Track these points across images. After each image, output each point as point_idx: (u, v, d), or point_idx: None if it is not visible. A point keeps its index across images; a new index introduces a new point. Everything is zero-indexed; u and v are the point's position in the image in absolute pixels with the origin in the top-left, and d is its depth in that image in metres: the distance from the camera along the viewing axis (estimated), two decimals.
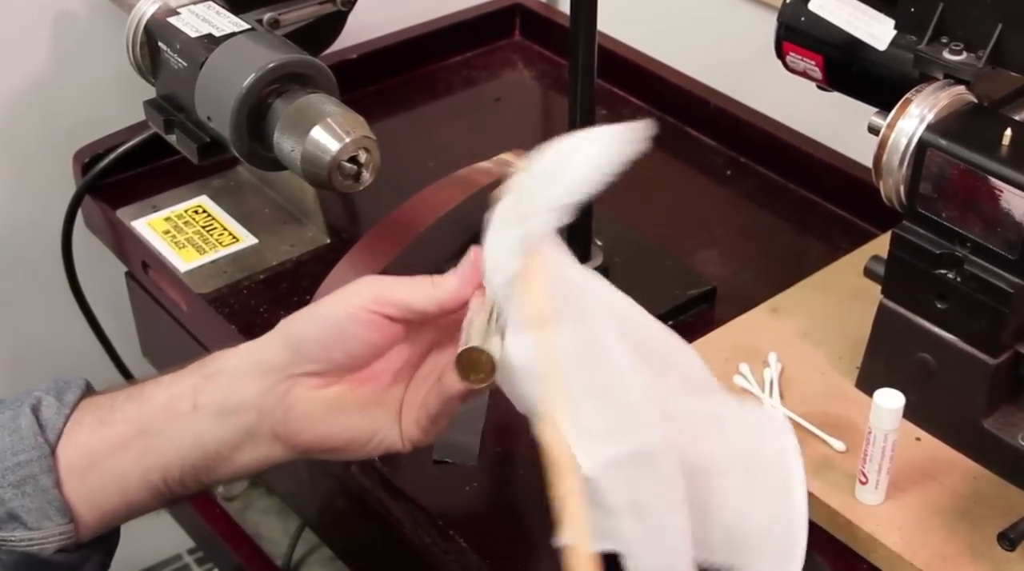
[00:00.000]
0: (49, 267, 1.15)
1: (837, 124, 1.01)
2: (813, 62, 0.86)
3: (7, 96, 1.16)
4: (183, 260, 1.01)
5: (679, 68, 1.21)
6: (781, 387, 0.85)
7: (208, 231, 1.04)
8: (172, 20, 0.95)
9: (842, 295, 0.91)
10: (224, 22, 0.94)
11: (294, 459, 0.68)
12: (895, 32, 0.80)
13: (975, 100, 0.76)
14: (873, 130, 0.78)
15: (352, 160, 0.87)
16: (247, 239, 1.04)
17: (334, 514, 0.98)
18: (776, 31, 0.87)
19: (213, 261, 1.01)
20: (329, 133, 0.86)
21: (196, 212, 1.07)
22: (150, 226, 1.05)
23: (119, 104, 1.13)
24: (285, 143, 0.87)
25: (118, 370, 1.22)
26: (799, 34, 0.86)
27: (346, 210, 1.09)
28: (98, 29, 1.16)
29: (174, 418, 0.67)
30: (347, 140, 0.86)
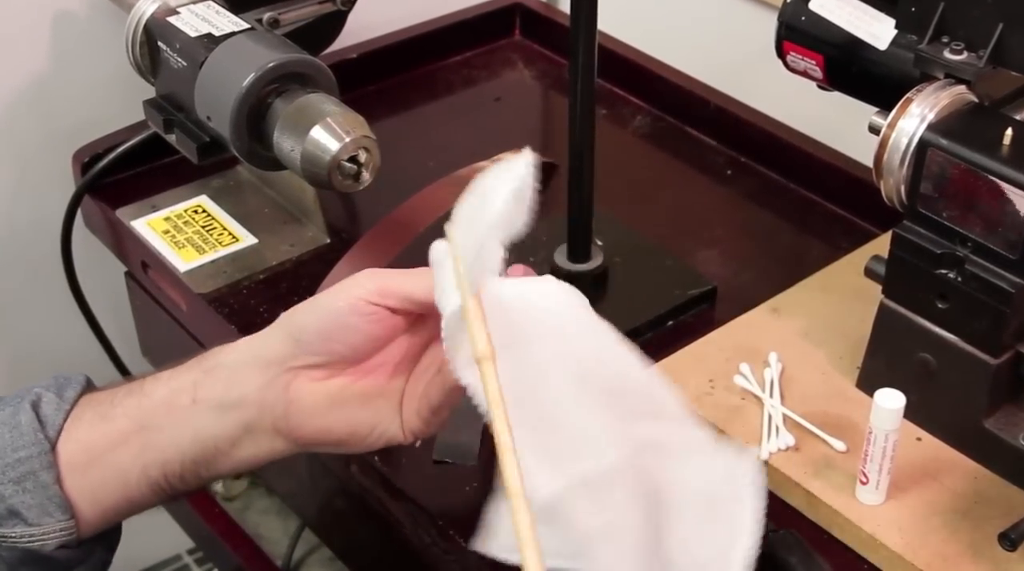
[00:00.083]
0: (49, 267, 1.15)
1: (838, 124, 1.01)
2: (814, 61, 0.86)
3: (7, 96, 1.16)
4: (183, 260, 1.01)
5: (679, 68, 1.21)
6: (782, 387, 0.85)
7: (208, 231, 1.04)
8: (172, 20, 0.95)
9: (843, 295, 0.91)
10: (224, 22, 0.94)
11: (295, 452, 0.68)
12: (896, 32, 0.80)
13: (976, 100, 0.76)
14: (874, 130, 0.77)
15: (352, 160, 0.87)
16: (247, 239, 1.04)
17: (334, 514, 0.98)
18: (776, 30, 0.87)
19: (213, 261, 1.01)
20: (329, 133, 0.86)
21: (196, 212, 1.07)
22: (150, 226, 1.05)
23: (119, 104, 1.13)
24: (285, 143, 0.87)
25: (117, 370, 1.22)
26: (800, 33, 0.86)
27: (346, 210, 1.09)
28: (98, 29, 1.16)
29: (174, 412, 0.67)
30: (347, 140, 0.85)
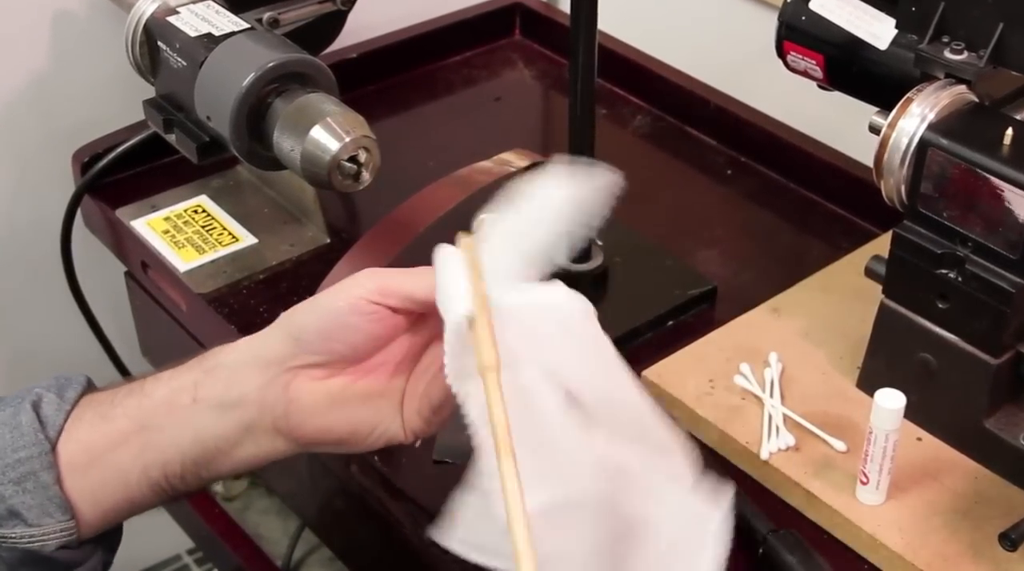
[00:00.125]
0: (48, 267, 1.15)
1: (838, 123, 1.01)
2: (814, 61, 0.86)
3: (6, 95, 1.16)
4: (182, 260, 1.01)
5: (680, 67, 1.21)
6: (782, 387, 0.84)
7: (207, 231, 1.04)
8: (171, 19, 0.95)
9: (843, 295, 0.91)
10: (223, 21, 0.94)
11: (295, 453, 0.68)
12: (896, 31, 0.80)
13: (976, 99, 0.76)
14: (874, 129, 0.77)
15: (352, 160, 0.86)
16: (247, 239, 1.03)
17: (334, 514, 0.97)
18: (777, 30, 0.87)
19: (212, 261, 1.01)
20: (329, 132, 0.85)
21: (196, 212, 1.06)
22: (149, 226, 1.05)
23: (118, 103, 1.13)
24: (285, 142, 0.87)
25: (117, 370, 1.22)
26: (800, 33, 0.86)
27: (346, 210, 1.09)
28: (97, 28, 1.16)
29: (174, 412, 0.67)
30: (347, 139, 0.85)
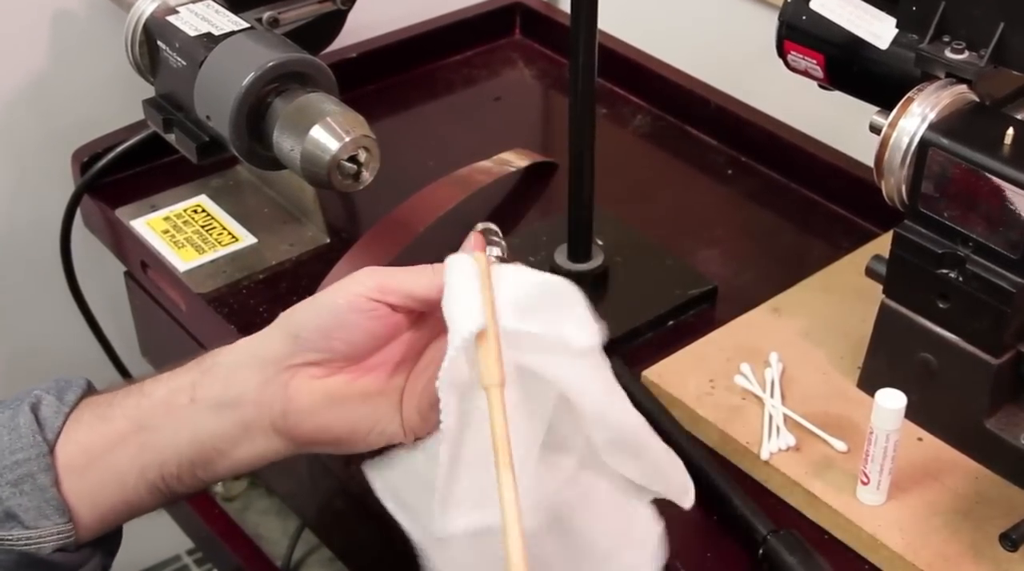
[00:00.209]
0: (48, 267, 1.15)
1: (838, 123, 1.01)
2: (814, 61, 0.86)
3: (6, 95, 1.16)
4: (182, 260, 1.01)
5: (680, 67, 1.21)
6: (782, 387, 0.84)
7: (207, 230, 1.04)
8: (171, 19, 0.95)
9: (844, 295, 0.91)
10: (223, 21, 0.94)
11: (293, 453, 0.68)
12: (897, 31, 0.80)
13: (977, 99, 0.76)
14: (875, 129, 0.77)
15: (352, 159, 0.86)
16: (246, 239, 1.03)
17: (334, 514, 0.97)
18: (777, 30, 0.87)
19: (212, 261, 1.01)
20: (329, 132, 0.85)
21: (195, 211, 1.06)
22: (149, 225, 1.05)
23: (118, 103, 1.12)
24: (284, 142, 0.87)
25: (117, 370, 1.22)
26: (800, 33, 0.85)
27: (346, 209, 1.08)
28: (97, 28, 1.16)
29: (172, 412, 0.67)
30: (347, 139, 0.85)
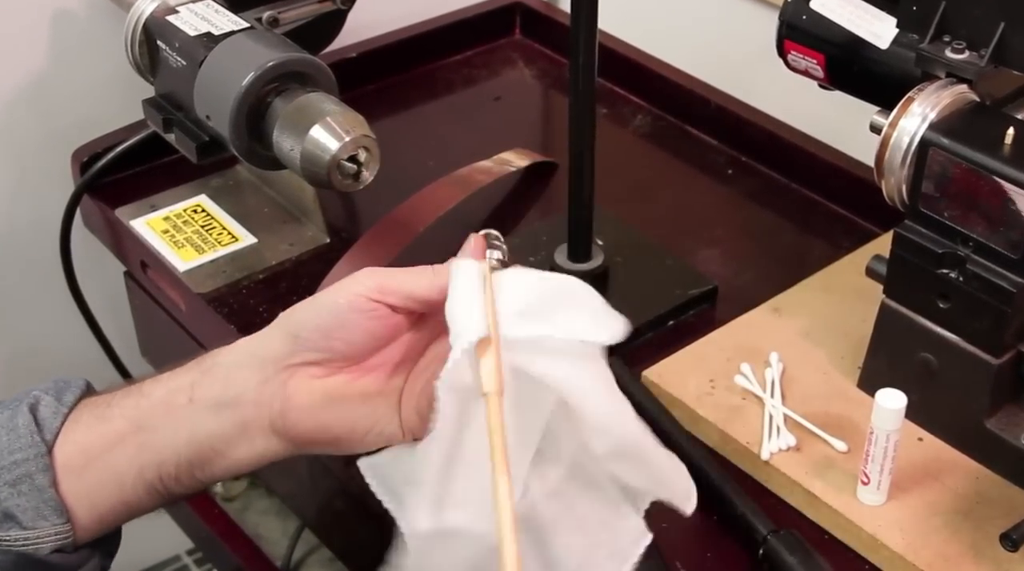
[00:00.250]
0: (47, 266, 1.15)
1: (839, 123, 1.01)
2: (815, 61, 0.86)
3: (5, 95, 1.16)
4: (182, 259, 1.01)
5: (680, 67, 1.21)
6: (783, 387, 0.84)
7: (207, 230, 1.04)
8: (171, 18, 0.95)
9: (844, 295, 0.91)
10: (223, 20, 0.94)
11: (291, 454, 0.68)
12: (897, 31, 0.80)
13: (977, 99, 0.76)
14: (875, 129, 0.77)
15: (352, 159, 0.86)
16: (246, 238, 1.03)
17: (334, 515, 0.97)
18: (778, 29, 0.87)
19: (212, 260, 1.01)
20: (329, 132, 0.85)
21: (195, 211, 1.06)
22: (149, 225, 1.05)
23: (118, 103, 1.12)
24: (284, 142, 0.87)
25: (116, 370, 1.22)
26: (801, 32, 0.85)
27: (346, 209, 1.08)
28: (97, 28, 1.16)
29: (171, 412, 0.66)
30: (347, 139, 0.85)
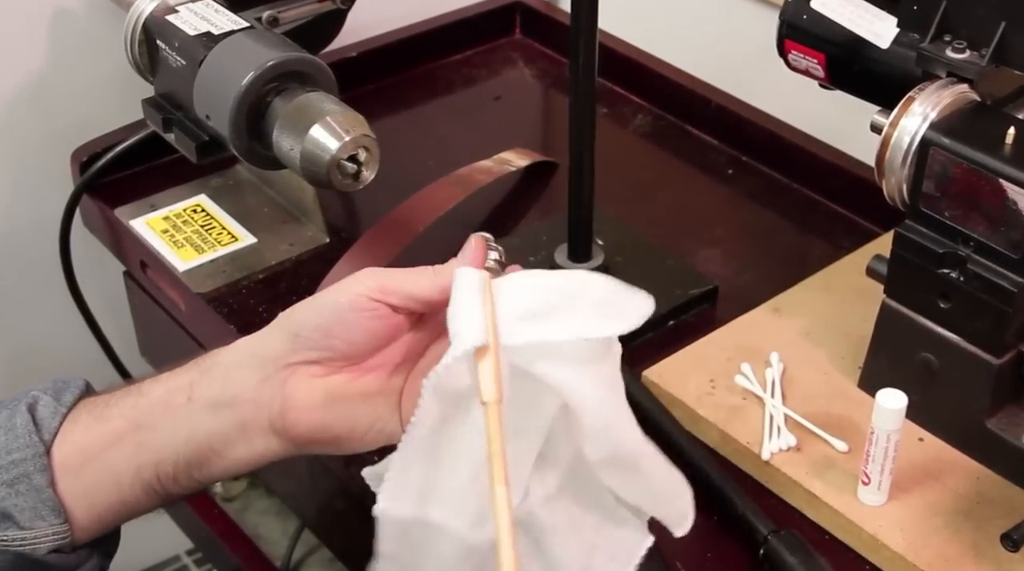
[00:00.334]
0: (47, 266, 1.15)
1: (839, 123, 1.00)
2: (815, 60, 0.86)
3: (5, 95, 1.16)
4: (181, 259, 1.01)
5: (680, 66, 1.21)
6: (783, 387, 0.84)
7: (207, 230, 1.04)
8: (170, 18, 0.95)
9: (844, 295, 0.91)
10: (223, 20, 0.94)
11: (291, 454, 0.67)
12: (898, 30, 0.80)
13: (978, 98, 0.76)
14: (876, 129, 0.77)
15: (352, 159, 0.86)
16: (246, 238, 1.03)
17: (334, 515, 0.97)
18: (778, 29, 0.87)
19: (212, 260, 1.01)
20: (328, 132, 0.85)
21: (195, 211, 1.06)
22: (148, 225, 1.05)
23: (117, 102, 1.12)
24: (284, 142, 0.87)
25: (116, 370, 1.22)
26: (801, 32, 0.85)
27: (345, 209, 1.08)
28: (96, 27, 1.16)
29: (169, 411, 0.66)
30: (346, 139, 0.85)
